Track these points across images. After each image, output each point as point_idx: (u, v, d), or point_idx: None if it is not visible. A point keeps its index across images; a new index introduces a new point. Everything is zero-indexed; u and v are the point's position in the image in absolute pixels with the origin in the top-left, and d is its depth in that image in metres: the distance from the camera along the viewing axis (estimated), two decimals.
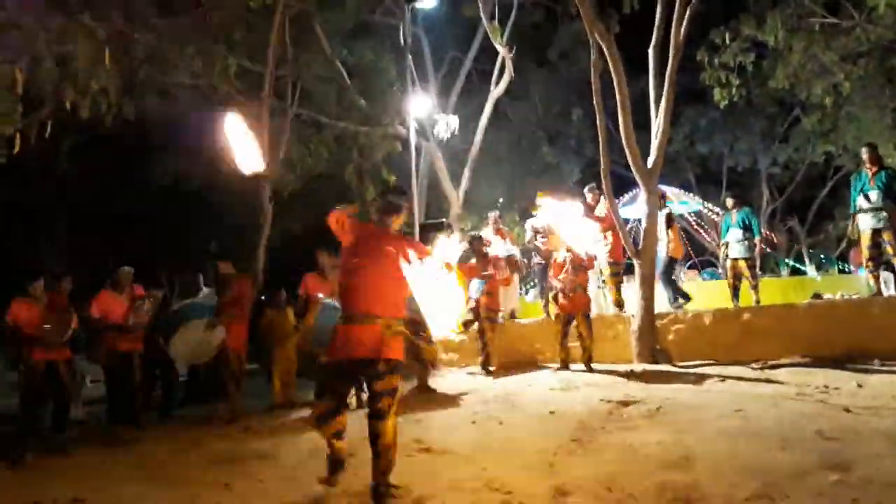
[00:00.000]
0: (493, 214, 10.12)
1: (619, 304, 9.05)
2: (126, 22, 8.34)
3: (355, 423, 4.44)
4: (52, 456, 6.24)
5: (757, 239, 9.29)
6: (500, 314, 9.95)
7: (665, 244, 8.94)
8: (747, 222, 9.27)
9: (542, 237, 9.35)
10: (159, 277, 10.32)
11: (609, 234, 8.92)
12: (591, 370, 7.65)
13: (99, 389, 8.91)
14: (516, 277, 10.08)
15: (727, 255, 9.49)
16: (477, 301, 8.34)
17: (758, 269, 9.55)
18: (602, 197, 9.18)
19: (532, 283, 13.88)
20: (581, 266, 7.86)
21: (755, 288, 9.21)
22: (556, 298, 7.98)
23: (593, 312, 8.26)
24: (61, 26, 7.31)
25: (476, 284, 8.32)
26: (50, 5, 7.44)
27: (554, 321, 8.11)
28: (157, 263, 12.44)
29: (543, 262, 9.36)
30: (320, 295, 7.55)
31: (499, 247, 9.67)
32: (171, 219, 16.37)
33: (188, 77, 10.45)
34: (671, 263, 9.26)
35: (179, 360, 8.03)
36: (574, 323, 7.82)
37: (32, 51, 7.39)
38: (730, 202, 9.70)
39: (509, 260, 9.41)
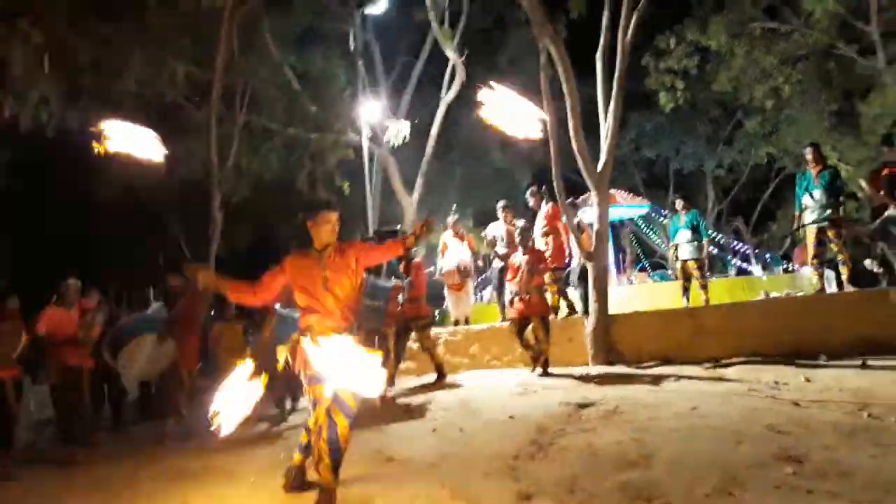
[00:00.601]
0: (451, 218, 10.12)
1: (556, 309, 9.08)
2: (67, 27, 8.09)
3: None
4: (8, 478, 6.01)
5: (705, 241, 9.52)
6: (454, 319, 9.98)
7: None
8: (695, 224, 9.48)
9: (501, 241, 9.39)
10: (107, 293, 10.03)
11: (550, 238, 9.01)
12: (546, 374, 7.68)
13: (46, 412, 8.59)
14: (469, 283, 10.08)
15: (677, 257, 9.68)
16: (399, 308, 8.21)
17: (706, 270, 9.78)
18: (544, 201, 9.28)
19: (487, 286, 13.95)
20: (538, 269, 7.88)
21: (704, 287, 9.42)
22: (511, 302, 7.98)
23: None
24: None
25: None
26: None
27: (509, 326, 8.09)
28: (105, 278, 12.09)
29: (502, 265, 9.38)
30: (277, 305, 7.43)
31: (455, 252, 9.69)
32: (118, 232, 15.93)
33: (134, 85, 10.20)
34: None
35: (128, 376, 7.78)
36: (531, 326, 7.83)
37: None
38: (679, 204, 9.90)
39: (459, 267, 9.47)
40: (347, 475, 4.82)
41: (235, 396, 4.01)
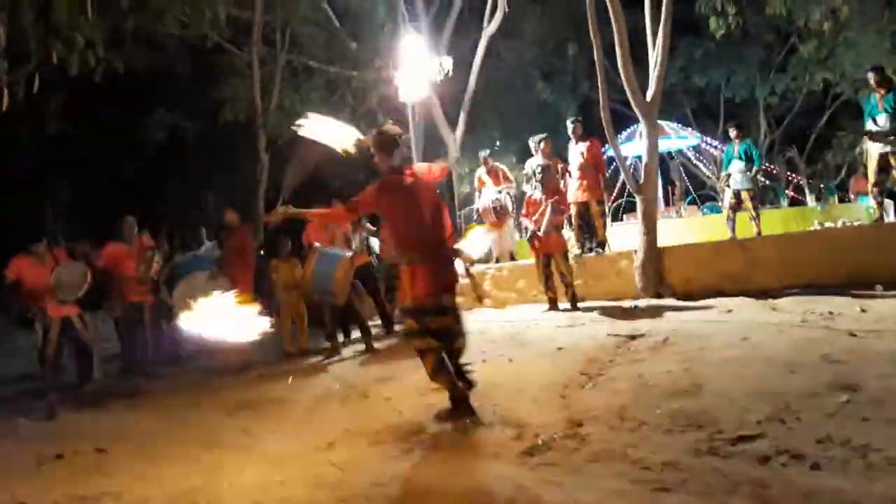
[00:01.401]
0: (483, 154, 10.02)
1: (603, 243, 9.06)
2: None
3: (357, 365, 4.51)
4: (79, 409, 6.35)
5: (755, 170, 9.28)
6: (496, 256, 9.97)
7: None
8: (749, 153, 9.23)
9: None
10: (160, 232, 10.28)
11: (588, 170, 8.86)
12: (576, 308, 7.70)
13: (110, 348, 8.95)
14: (509, 220, 9.94)
15: (728, 186, 9.45)
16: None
17: (758, 201, 9.56)
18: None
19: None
20: (559, 208, 7.85)
21: (756, 219, 9.22)
22: (531, 240, 7.97)
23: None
24: None
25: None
26: None
27: (534, 263, 8.13)
28: (158, 219, 12.37)
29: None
30: (317, 244, 7.55)
31: (488, 192, 9.60)
32: (167, 173, 16.24)
33: (177, 27, 10.22)
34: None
35: (183, 313, 8.03)
36: (553, 263, 7.84)
37: (13, 2, 7.20)
38: (733, 133, 9.64)
39: (496, 204, 9.36)
40: (397, 402, 5.00)
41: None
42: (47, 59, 7.72)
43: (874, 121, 7.79)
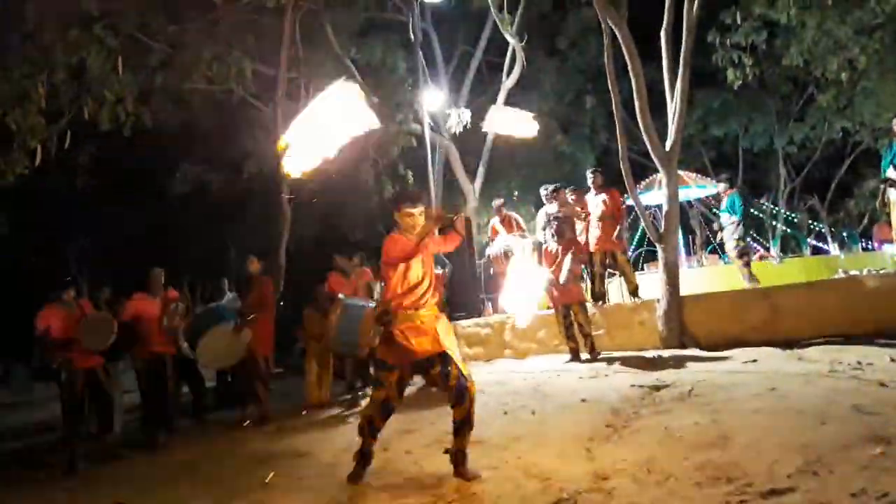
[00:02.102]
0: (496, 203, 10.04)
1: (604, 295, 9.05)
2: (139, 30, 8.41)
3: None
4: (98, 462, 6.35)
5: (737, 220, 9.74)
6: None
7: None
8: (733, 206, 9.75)
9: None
10: (182, 284, 10.39)
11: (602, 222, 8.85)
12: (595, 359, 7.62)
13: (130, 399, 8.97)
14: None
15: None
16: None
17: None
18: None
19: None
20: (578, 257, 7.85)
21: (747, 275, 9.54)
22: (549, 291, 7.94)
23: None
24: (75, 37, 7.37)
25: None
26: (65, 18, 7.50)
27: (553, 314, 8.08)
28: (181, 270, 12.52)
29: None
30: (341, 295, 7.57)
31: (500, 239, 9.57)
32: (190, 226, 16.48)
33: (203, 82, 10.50)
34: None
35: (206, 365, 8.06)
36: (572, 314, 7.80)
37: (50, 64, 7.48)
38: (721, 186, 10.17)
39: (507, 252, 9.30)
40: (418, 455, 4.94)
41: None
42: (79, 115, 7.96)
43: (895, 167, 7.76)
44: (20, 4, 7.18)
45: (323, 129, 4.21)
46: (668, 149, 8.28)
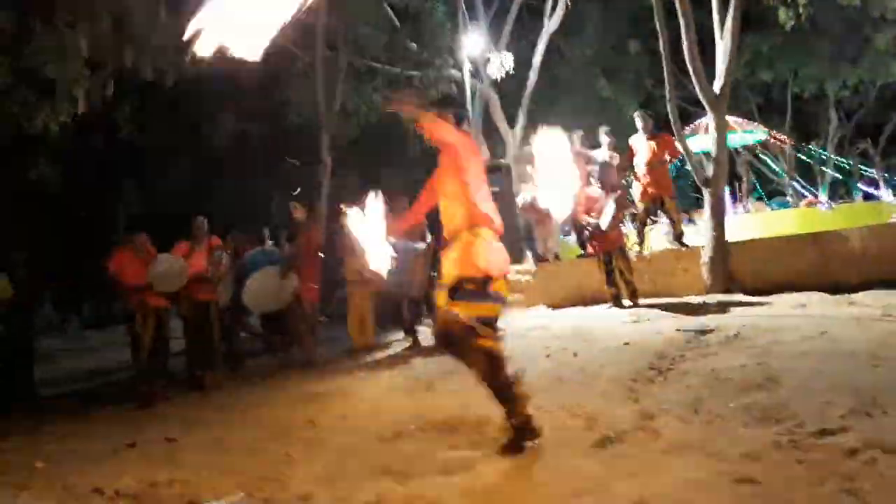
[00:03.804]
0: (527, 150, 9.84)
1: (681, 235, 8.84)
2: None
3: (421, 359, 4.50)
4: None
5: None
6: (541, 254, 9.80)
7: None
8: None
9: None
10: (225, 234, 10.53)
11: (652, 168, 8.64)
12: (636, 305, 7.53)
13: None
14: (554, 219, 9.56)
15: None
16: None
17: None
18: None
19: None
20: (623, 204, 7.71)
21: None
22: (590, 237, 7.82)
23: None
24: None
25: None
26: None
27: (596, 261, 7.98)
28: (224, 220, 12.70)
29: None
30: (391, 237, 7.55)
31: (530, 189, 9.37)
32: (233, 177, 16.63)
33: None
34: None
35: (254, 308, 8.20)
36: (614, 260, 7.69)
37: (91, 12, 7.49)
38: None
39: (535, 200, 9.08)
40: (463, 398, 4.97)
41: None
42: (122, 64, 7.99)
43: None
44: None
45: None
46: (717, 91, 8.02)
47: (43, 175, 9.67)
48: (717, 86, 8.04)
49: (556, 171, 4.17)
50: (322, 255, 8.30)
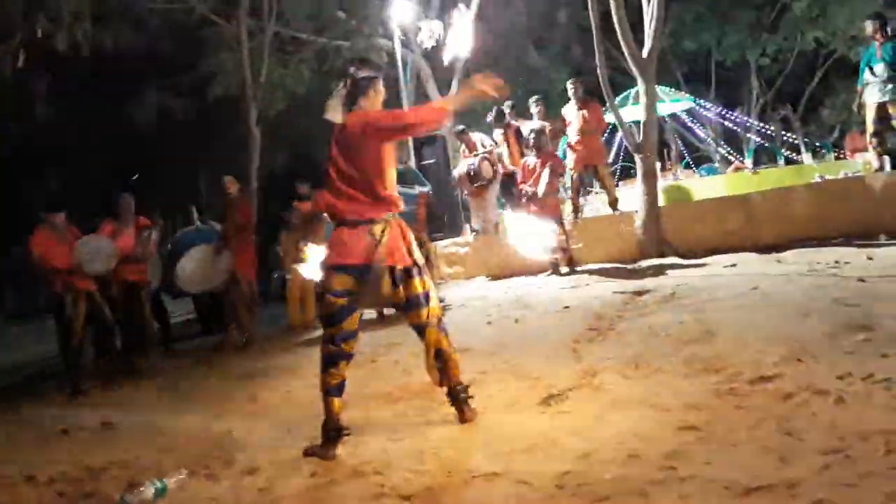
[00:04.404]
0: (456, 130, 9.73)
1: (577, 209, 8.99)
2: None
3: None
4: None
5: None
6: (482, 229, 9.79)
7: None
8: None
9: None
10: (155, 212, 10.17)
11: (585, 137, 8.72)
12: (574, 272, 7.60)
13: None
14: (489, 190, 9.22)
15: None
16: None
17: None
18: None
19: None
20: (558, 172, 7.79)
21: None
22: (528, 204, 7.88)
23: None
24: None
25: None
26: None
27: None
28: (150, 200, 12.27)
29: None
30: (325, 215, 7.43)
31: (462, 161, 9.32)
32: (157, 154, 16.04)
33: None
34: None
35: (189, 288, 7.95)
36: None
37: None
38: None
39: (469, 172, 8.99)
40: (407, 367, 4.94)
41: None
42: (33, 34, 7.52)
43: (871, 70, 7.69)
44: None
45: None
46: (645, 55, 8.11)
47: None
48: (645, 50, 8.13)
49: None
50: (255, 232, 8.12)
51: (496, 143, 9.20)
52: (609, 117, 9.50)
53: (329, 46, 12.56)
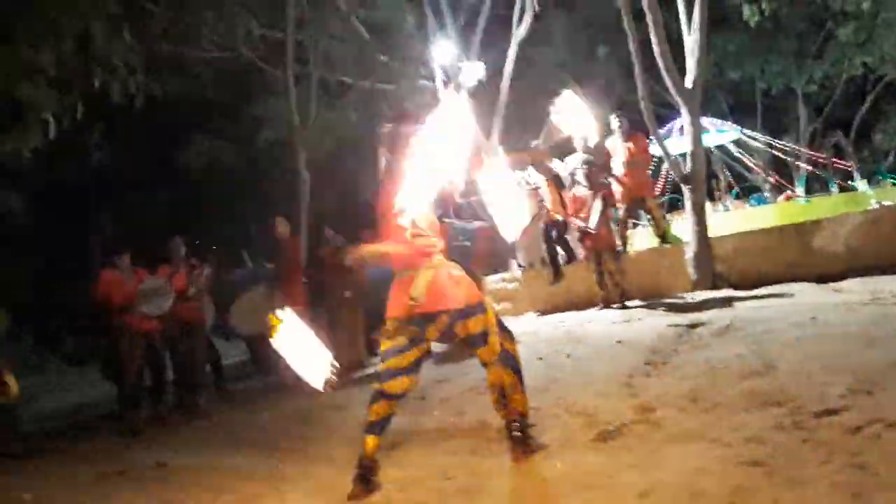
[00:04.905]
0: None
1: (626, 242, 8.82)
2: None
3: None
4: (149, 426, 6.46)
5: None
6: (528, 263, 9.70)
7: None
8: None
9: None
10: (207, 255, 10.39)
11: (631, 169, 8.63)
12: (625, 307, 7.49)
13: None
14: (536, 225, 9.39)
15: None
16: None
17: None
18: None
19: None
20: (610, 202, 7.71)
21: None
22: (580, 239, 7.81)
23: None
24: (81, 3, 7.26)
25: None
26: None
27: (586, 263, 7.95)
28: (201, 243, 12.56)
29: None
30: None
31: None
32: (208, 198, 16.46)
33: (211, 48, 10.39)
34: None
35: (240, 329, 8.06)
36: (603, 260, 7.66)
37: (55, 33, 7.36)
38: None
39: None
40: (458, 404, 4.90)
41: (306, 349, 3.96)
42: (89, 87, 7.86)
43: None
44: None
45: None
46: (689, 85, 8.06)
47: (10, 205, 9.46)
48: (688, 80, 8.08)
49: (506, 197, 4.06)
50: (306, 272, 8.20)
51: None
52: (654, 149, 9.43)
53: (376, 90, 12.80)
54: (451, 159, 3.53)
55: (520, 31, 12.99)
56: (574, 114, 5.05)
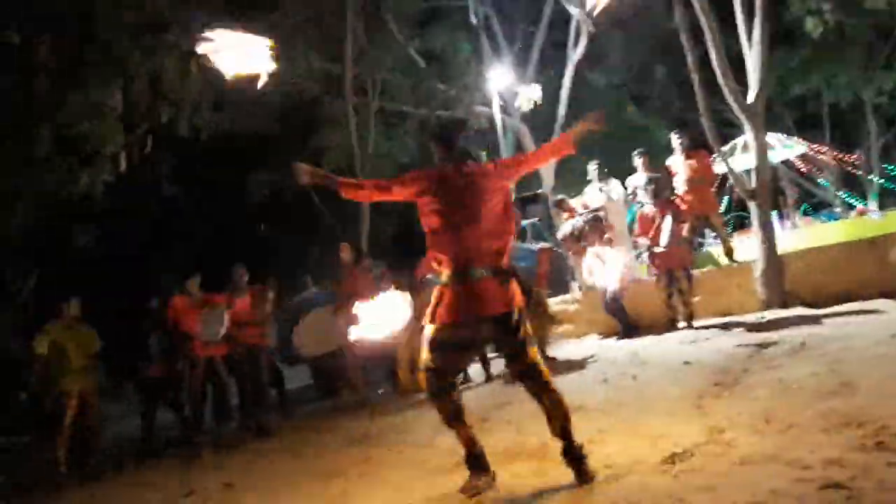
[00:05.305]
0: (554, 200, 9.69)
1: (731, 251, 8.59)
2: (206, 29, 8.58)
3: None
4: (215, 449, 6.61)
5: None
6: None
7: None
8: None
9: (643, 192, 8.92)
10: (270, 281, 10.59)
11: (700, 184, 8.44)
12: (691, 327, 7.28)
13: None
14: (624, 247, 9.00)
15: None
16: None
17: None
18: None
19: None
20: (680, 218, 7.54)
21: None
22: (651, 257, 7.65)
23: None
24: (149, 43, 7.59)
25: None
26: (140, 27, 7.72)
27: (655, 281, 7.78)
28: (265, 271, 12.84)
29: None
30: (429, 276, 7.51)
31: (567, 223, 9.14)
32: (271, 228, 16.86)
33: (273, 83, 10.68)
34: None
35: (304, 350, 8.17)
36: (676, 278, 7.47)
37: (125, 72, 7.72)
38: None
39: (573, 231, 8.76)
40: (523, 428, 4.82)
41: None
42: (158, 122, 8.19)
43: None
44: (91, 14, 7.43)
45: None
46: (751, 100, 7.88)
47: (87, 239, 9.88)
48: (750, 96, 7.91)
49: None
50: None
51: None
52: (717, 167, 9.24)
53: (431, 116, 12.97)
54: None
55: (575, 54, 12.99)
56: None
